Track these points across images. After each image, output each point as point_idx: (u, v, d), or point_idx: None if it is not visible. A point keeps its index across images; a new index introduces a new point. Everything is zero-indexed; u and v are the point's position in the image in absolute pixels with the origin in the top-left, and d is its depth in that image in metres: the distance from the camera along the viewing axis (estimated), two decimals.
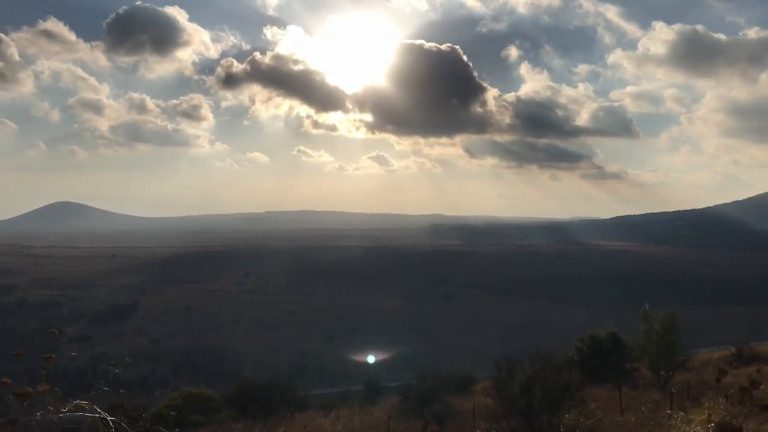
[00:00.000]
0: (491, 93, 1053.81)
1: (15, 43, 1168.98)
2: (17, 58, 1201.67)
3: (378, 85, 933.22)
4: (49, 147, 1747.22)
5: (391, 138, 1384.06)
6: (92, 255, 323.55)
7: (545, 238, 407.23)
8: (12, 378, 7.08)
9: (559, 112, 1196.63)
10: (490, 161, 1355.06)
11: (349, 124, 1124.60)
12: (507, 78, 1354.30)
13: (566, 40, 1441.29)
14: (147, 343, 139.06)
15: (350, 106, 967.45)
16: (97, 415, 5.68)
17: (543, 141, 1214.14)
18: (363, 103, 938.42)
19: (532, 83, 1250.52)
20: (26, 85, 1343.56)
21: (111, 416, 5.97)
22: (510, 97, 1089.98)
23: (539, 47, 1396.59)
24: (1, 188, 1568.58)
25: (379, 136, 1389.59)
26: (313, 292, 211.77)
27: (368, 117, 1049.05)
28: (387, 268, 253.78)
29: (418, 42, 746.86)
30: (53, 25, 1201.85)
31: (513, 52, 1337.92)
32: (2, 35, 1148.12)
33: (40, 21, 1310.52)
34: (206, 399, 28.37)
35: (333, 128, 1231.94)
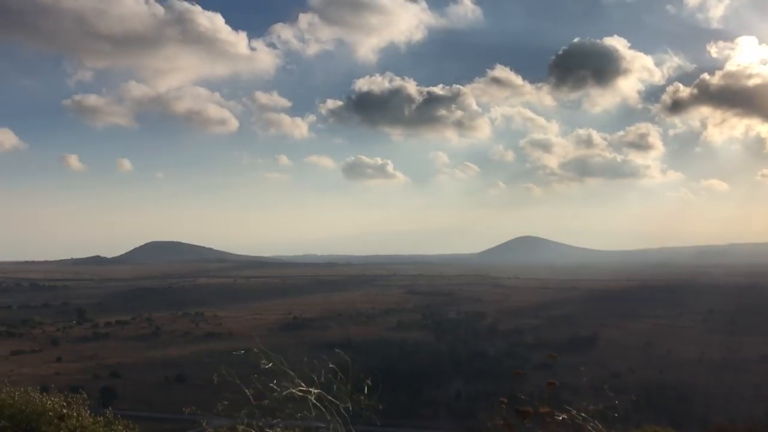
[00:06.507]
0: None
1: (471, 94, 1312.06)
2: (475, 107, 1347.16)
3: None
4: (507, 185, 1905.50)
5: None
6: (553, 286, 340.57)
7: None
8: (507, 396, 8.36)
9: None
10: None
11: None
12: None
13: None
14: (607, 377, 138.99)
15: None
16: None
17: None
18: None
19: None
20: (483, 131, 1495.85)
21: None
22: None
23: None
24: (471, 224, 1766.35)
25: None
26: None
27: None
28: None
29: None
30: (501, 71, 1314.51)
31: None
32: (461, 87, 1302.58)
33: (488, 70, 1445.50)
34: None
35: None
